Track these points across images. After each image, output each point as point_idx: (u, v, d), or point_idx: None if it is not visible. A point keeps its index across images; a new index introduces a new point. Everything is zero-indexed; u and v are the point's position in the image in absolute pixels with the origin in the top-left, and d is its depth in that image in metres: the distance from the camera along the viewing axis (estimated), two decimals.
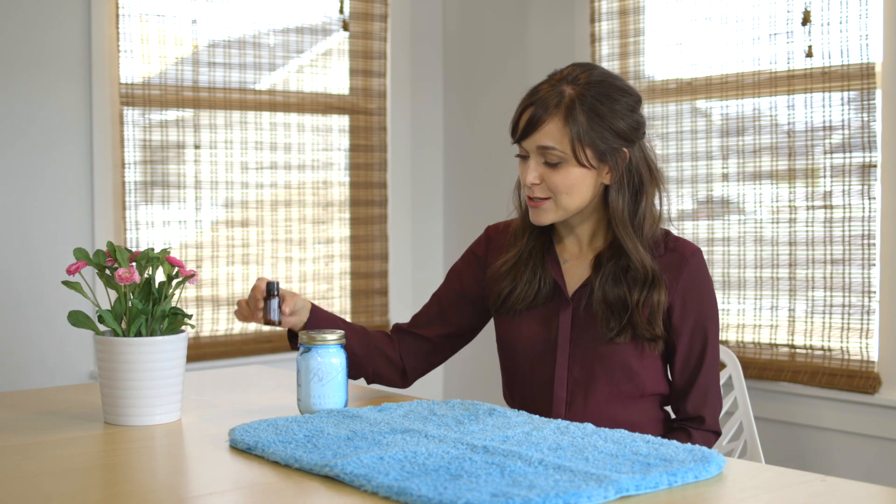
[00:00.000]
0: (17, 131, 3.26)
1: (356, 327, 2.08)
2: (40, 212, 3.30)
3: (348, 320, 3.92)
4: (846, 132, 2.98)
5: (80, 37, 3.34)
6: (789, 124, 3.11)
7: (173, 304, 1.85)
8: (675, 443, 1.54)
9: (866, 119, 2.93)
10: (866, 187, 2.94)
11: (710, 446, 1.98)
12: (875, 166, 2.93)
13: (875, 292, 2.95)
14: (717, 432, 2.00)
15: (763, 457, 2.39)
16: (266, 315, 1.92)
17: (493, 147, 3.92)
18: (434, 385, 4.10)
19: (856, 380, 2.97)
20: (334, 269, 3.94)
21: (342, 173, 3.96)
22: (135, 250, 1.87)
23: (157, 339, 1.81)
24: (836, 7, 2.96)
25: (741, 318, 3.23)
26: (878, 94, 2.90)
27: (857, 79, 2.94)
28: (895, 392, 2.92)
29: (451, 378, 4.11)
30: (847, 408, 2.99)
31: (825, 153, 3.03)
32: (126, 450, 1.67)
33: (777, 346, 3.15)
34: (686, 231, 3.36)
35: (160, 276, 1.86)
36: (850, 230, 2.98)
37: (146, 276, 1.83)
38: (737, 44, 3.21)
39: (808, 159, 3.07)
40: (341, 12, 3.89)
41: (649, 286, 1.92)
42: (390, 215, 4.06)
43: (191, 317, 1.87)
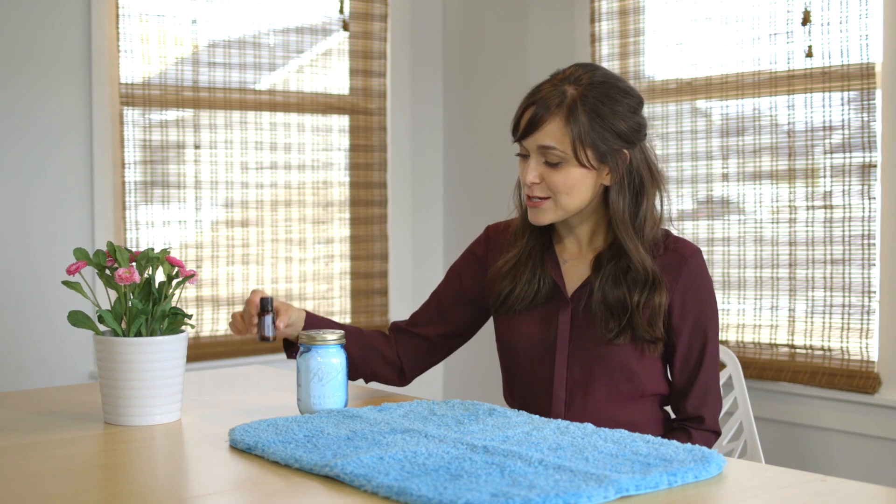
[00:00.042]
0: (17, 131, 3.26)
1: (351, 329, 2.07)
2: (40, 212, 3.30)
3: (348, 321, 3.97)
4: (846, 132, 2.98)
5: (80, 37, 3.34)
6: (789, 124, 3.11)
7: (173, 304, 1.85)
8: (675, 443, 1.54)
9: (866, 119, 2.93)
10: (866, 187, 2.95)
11: (710, 446, 1.98)
12: (875, 166, 2.93)
13: (875, 292, 2.95)
14: (717, 432, 2.00)
15: (763, 457, 2.39)
16: (261, 331, 1.92)
17: (493, 147, 3.92)
18: (434, 385, 4.10)
19: (856, 380, 2.97)
20: (334, 269, 3.94)
21: (342, 173, 3.96)
22: (135, 250, 1.87)
23: (157, 339, 1.81)
24: (836, 7, 2.96)
25: (741, 318, 3.23)
26: (878, 94, 2.90)
27: (857, 79, 2.94)
28: (895, 392, 2.92)
29: (451, 378, 4.11)
30: (847, 408, 2.99)
31: (825, 153, 3.03)
32: (126, 450, 1.67)
33: (777, 346, 3.15)
34: (686, 231, 3.36)
35: (160, 276, 1.86)
36: (850, 230, 2.98)
37: (146, 276, 1.83)
38: (737, 44, 3.21)
39: (808, 159, 3.07)
40: (341, 12, 3.89)
41: (650, 288, 1.92)
42: (390, 215, 4.06)
43: (191, 317, 1.87)
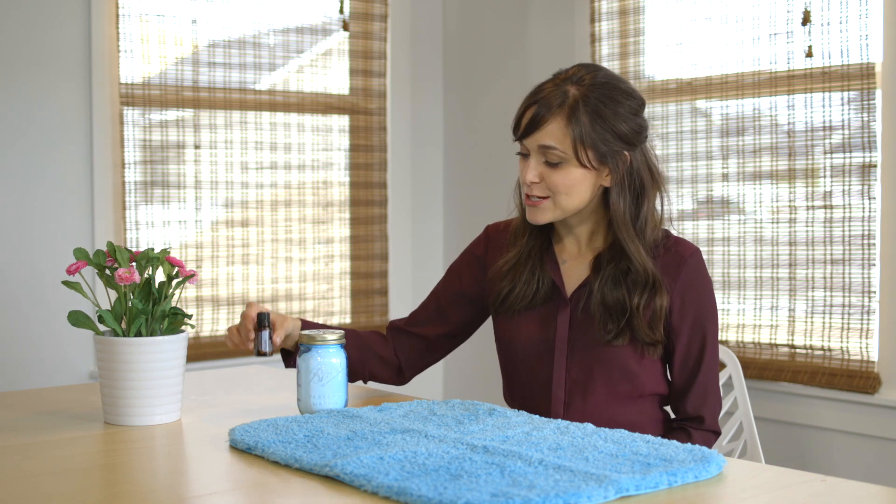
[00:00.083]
0: (17, 131, 3.26)
1: (347, 332, 2.07)
2: (40, 212, 3.30)
3: (348, 321, 3.97)
4: (846, 132, 2.98)
5: (80, 37, 3.34)
6: (789, 124, 3.11)
7: (173, 304, 1.85)
8: (675, 443, 1.54)
9: (866, 119, 2.93)
10: (866, 187, 2.94)
11: (710, 446, 1.98)
12: (875, 166, 2.93)
13: (875, 292, 2.95)
14: (717, 432, 2.00)
15: (763, 457, 2.39)
16: (258, 347, 1.92)
17: (493, 147, 3.92)
18: (434, 385, 4.10)
19: (856, 380, 2.97)
20: (334, 269, 3.94)
21: (342, 173, 3.96)
22: (135, 250, 1.87)
23: (157, 339, 1.81)
24: (836, 7, 2.96)
25: (741, 318, 3.23)
26: (878, 94, 2.90)
27: (857, 79, 2.94)
28: (895, 392, 2.92)
29: (451, 378, 4.11)
30: (847, 408, 2.99)
31: (825, 153, 3.03)
32: (126, 450, 1.67)
33: (777, 346, 3.14)
34: (686, 231, 3.36)
35: (160, 276, 1.86)
36: (850, 230, 2.98)
37: (146, 276, 1.83)
38: (737, 44, 3.21)
39: (808, 159, 3.07)
40: (341, 12, 3.89)
41: (650, 290, 1.91)
42: (390, 215, 4.06)
43: (191, 317, 1.87)
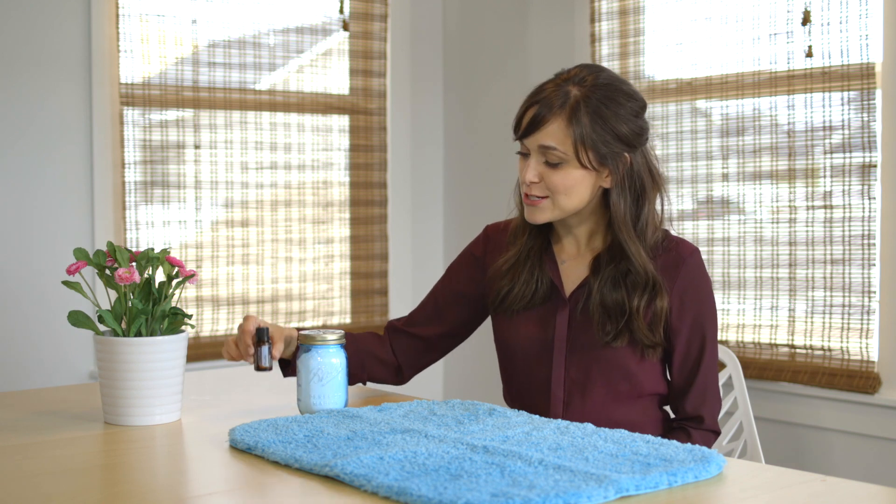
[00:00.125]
0: (17, 131, 3.26)
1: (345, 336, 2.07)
2: (40, 212, 3.30)
3: (348, 321, 3.97)
4: (846, 132, 2.98)
5: (80, 37, 3.34)
6: (789, 124, 3.11)
7: (173, 304, 1.85)
8: (674, 443, 1.54)
9: (866, 119, 2.93)
10: (866, 187, 2.94)
11: (710, 446, 1.98)
12: (875, 166, 2.93)
13: (875, 292, 2.95)
14: (717, 432, 2.00)
15: (763, 457, 2.39)
16: (258, 363, 1.91)
17: (493, 147, 3.92)
18: (434, 385, 4.10)
19: (856, 380, 2.97)
20: (334, 269, 3.94)
21: (342, 173, 3.96)
22: (135, 250, 1.87)
23: (157, 339, 1.81)
24: (836, 7, 2.96)
25: (741, 318, 3.23)
26: (878, 94, 2.90)
27: (857, 79, 2.94)
28: (895, 392, 2.92)
29: (451, 378, 4.11)
30: (847, 408, 2.99)
31: (825, 153, 3.03)
32: (126, 450, 1.67)
33: (777, 346, 3.14)
34: (686, 231, 3.36)
35: (160, 276, 1.86)
36: (850, 230, 2.98)
37: (146, 276, 1.83)
38: (737, 44, 3.21)
39: (808, 159, 3.07)
40: (341, 12, 3.89)
41: (650, 292, 1.91)
42: (390, 215, 4.06)
43: (191, 317, 1.87)
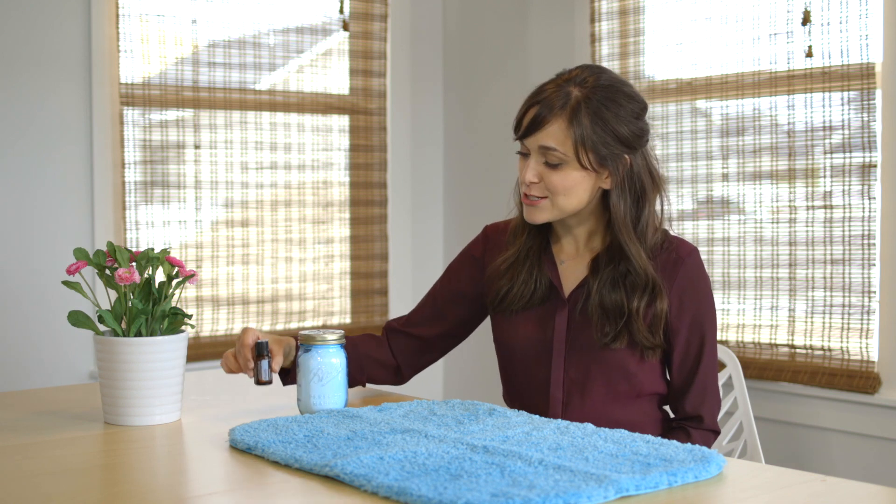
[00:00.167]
0: (17, 131, 3.26)
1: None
2: (40, 212, 3.30)
3: (348, 321, 3.97)
4: (846, 132, 2.98)
5: (80, 37, 3.34)
6: (789, 124, 3.11)
7: (173, 304, 1.85)
8: (674, 443, 1.54)
9: (866, 119, 2.93)
10: (866, 187, 2.94)
11: (710, 445, 1.98)
12: (875, 166, 2.93)
13: (875, 292, 2.95)
14: (716, 431, 2.00)
15: (763, 457, 2.39)
16: (259, 377, 1.91)
17: (493, 147, 3.92)
18: (434, 385, 4.10)
19: (856, 380, 2.97)
20: (334, 269, 3.94)
21: (342, 173, 3.96)
22: (135, 250, 1.87)
23: (157, 339, 1.81)
24: (836, 7, 2.96)
25: (741, 318, 3.23)
26: (878, 94, 2.90)
27: (857, 79, 2.94)
28: (895, 392, 2.92)
29: (451, 378, 4.11)
30: (847, 408, 2.99)
31: (825, 153, 3.03)
32: (126, 450, 1.67)
33: (777, 346, 3.14)
34: (686, 231, 3.36)
35: (160, 276, 1.86)
36: (850, 230, 2.98)
37: (146, 276, 1.83)
38: (737, 44, 3.21)
39: (808, 159, 3.07)
40: (341, 12, 3.89)
41: (650, 293, 1.91)
42: (390, 215, 4.06)
43: (191, 317, 1.87)
